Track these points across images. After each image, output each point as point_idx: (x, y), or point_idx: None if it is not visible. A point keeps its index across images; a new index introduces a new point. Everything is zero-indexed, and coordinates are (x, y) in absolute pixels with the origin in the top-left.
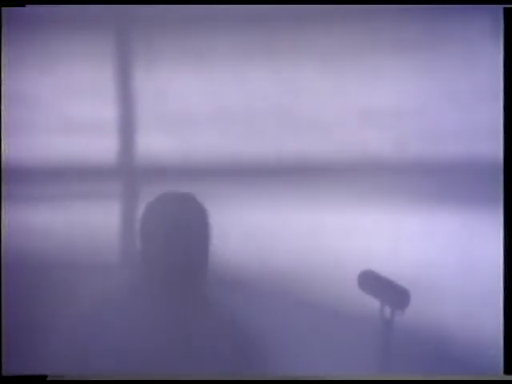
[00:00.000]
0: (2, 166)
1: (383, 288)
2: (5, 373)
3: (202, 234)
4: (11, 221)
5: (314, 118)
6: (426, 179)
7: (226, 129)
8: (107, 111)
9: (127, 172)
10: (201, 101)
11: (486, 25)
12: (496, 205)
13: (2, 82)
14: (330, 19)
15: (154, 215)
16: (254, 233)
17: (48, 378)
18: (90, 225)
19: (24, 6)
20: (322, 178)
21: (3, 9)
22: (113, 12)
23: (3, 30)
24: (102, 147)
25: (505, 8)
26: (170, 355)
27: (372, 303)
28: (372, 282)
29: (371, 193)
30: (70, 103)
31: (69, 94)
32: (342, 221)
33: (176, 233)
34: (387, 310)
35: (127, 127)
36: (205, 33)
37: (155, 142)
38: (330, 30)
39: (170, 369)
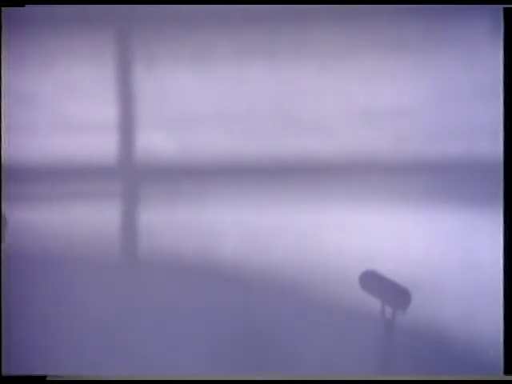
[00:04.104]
0: (2, 166)
1: (384, 288)
2: (5, 373)
3: None
4: (11, 221)
5: (314, 117)
6: (426, 179)
7: (226, 128)
8: (107, 111)
9: (127, 172)
10: (201, 101)
11: (486, 25)
12: (496, 204)
13: (2, 82)
14: (330, 19)
15: None
16: (253, 233)
17: (48, 378)
18: (89, 224)
19: (24, 5)
20: (322, 178)
21: (3, 9)
22: (113, 12)
23: (3, 29)
24: (102, 147)
25: (505, 8)
26: (169, 355)
27: (372, 303)
28: (372, 281)
29: (371, 192)
30: (70, 103)
31: (69, 93)
32: (343, 220)
33: None
34: (388, 310)
35: (127, 127)
36: (205, 33)
37: (155, 142)
38: (330, 30)
39: (168, 369)
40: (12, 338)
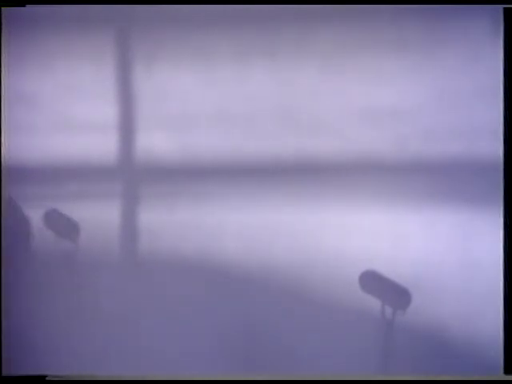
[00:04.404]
0: (3, 166)
1: (384, 288)
2: (5, 373)
3: None
4: (11, 220)
5: (314, 117)
6: (426, 179)
7: (226, 129)
8: (107, 111)
9: (127, 172)
10: (201, 101)
11: (486, 25)
12: (496, 205)
13: (2, 82)
14: (330, 19)
15: None
16: (254, 233)
17: (47, 378)
18: (89, 224)
19: (24, 5)
20: (322, 178)
21: (3, 9)
22: (113, 12)
23: (3, 29)
24: (102, 147)
25: (505, 8)
26: (170, 355)
27: (372, 303)
28: (372, 281)
29: (371, 192)
30: (70, 103)
31: (69, 93)
32: (343, 220)
33: None
34: (388, 310)
35: (127, 127)
36: (205, 33)
37: (155, 142)
38: (331, 30)
39: (169, 369)
40: (12, 338)
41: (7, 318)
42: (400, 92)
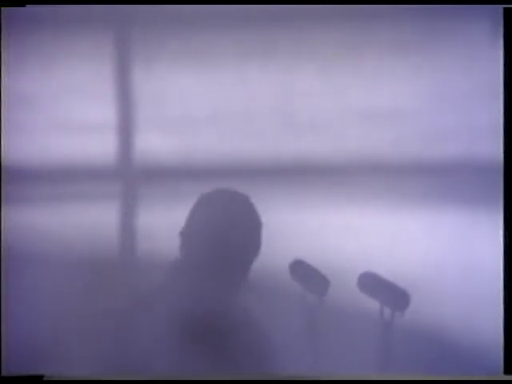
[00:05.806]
0: (2, 166)
1: (383, 289)
2: (4, 373)
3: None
4: (11, 221)
5: (314, 118)
6: (426, 179)
7: (225, 129)
8: (107, 111)
9: (127, 172)
10: (200, 101)
11: (486, 25)
12: (496, 205)
13: (2, 82)
14: (329, 19)
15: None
16: None
17: (44, 378)
18: (89, 225)
19: (24, 5)
20: (321, 179)
21: (3, 9)
22: (113, 12)
23: (3, 30)
24: (102, 147)
25: (505, 8)
26: (171, 356)
27: (372, 304)
28: (372, 282)
29: (371, 193)
30: (70, 103)
31: (69, 94)
32: (342, 221)
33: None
34: (387, 311)
35: (127, 127)
36: (205, 33)
37: (155, 143)
38: (330, 31)
39: (172, 369)
40: (11, 338)
41: (7, 318)
42: (399, 93)
